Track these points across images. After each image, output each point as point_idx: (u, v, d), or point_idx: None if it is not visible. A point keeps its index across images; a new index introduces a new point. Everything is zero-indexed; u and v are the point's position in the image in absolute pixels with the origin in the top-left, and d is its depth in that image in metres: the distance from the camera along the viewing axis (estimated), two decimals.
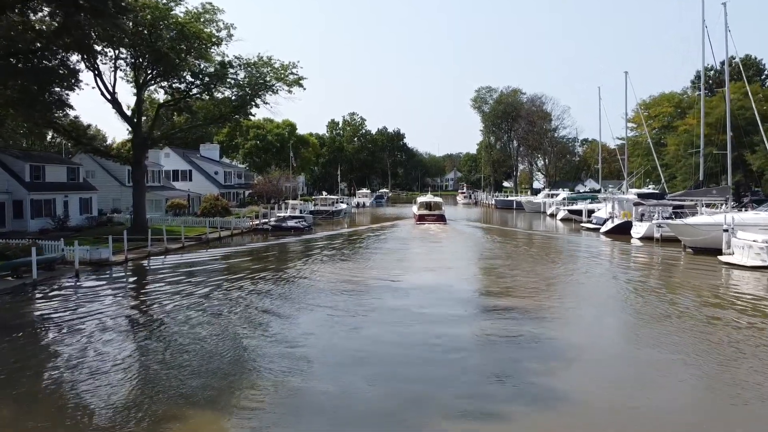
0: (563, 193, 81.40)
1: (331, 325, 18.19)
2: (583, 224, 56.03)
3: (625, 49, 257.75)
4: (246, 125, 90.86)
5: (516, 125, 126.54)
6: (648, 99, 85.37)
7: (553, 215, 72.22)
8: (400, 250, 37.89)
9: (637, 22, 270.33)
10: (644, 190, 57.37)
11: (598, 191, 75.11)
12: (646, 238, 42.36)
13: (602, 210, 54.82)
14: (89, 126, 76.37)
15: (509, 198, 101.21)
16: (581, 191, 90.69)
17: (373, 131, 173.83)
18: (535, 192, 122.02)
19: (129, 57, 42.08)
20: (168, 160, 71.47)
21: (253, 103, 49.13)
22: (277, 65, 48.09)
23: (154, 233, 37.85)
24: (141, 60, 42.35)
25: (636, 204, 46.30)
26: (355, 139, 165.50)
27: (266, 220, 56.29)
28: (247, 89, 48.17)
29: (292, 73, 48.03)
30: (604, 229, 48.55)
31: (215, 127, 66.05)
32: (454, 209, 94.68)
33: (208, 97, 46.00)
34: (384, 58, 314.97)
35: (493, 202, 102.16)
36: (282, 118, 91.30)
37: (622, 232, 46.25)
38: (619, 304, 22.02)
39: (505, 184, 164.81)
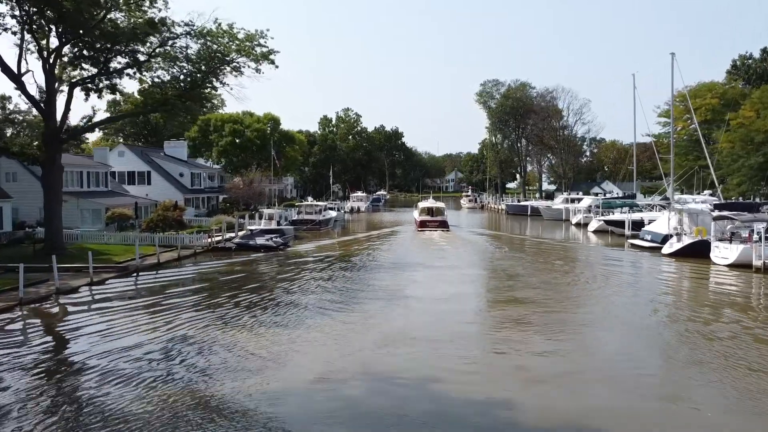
0: (587, 199, 69.88)
1: None
2: (629, 240, 44.55)
3: (644, 41, 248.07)
4: (221, 119, 79.51)
5: (525, 122, 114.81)
6: (685, 89, 73.47)
7: (580, 225, 60.74)
8: (397, 292, 25.61)
9: (662, 8, 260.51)
10: (711, 199, 45.83)
11: (633, 196, 63.46)
12: (739, 266, 30.98)
13: (658, 223, 43.19)
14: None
15: (523, 203, 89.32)
16: (606, 195, 78.92)
17: (370, 129, 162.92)
18: (547, 195, 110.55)
19: (24, 17, 30.34)
20: (121, 159, 59.69)
21: (209, 85, 37.79)
22: (240, 35, 36.80)
23: (72, 258, 26.32)
24: (43, 22, 30.68)
25: (717, 218, 34.76)
26: (350, 137, 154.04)
27: (233, 235, 44.76)
28: (201, 65, 36.82)
29: (259, 44, 36.69)
30: (668, 249, 36.96)
31: (163, 116, 53.87)
32: (458, 215, 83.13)
33: (134, 73, 34.10)
34: (381, 56, 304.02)
35: (504, 207, 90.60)
36: (264, 111, 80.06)
37: (694, 254, 34.91)
38: None
39: (510, 185, 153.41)
